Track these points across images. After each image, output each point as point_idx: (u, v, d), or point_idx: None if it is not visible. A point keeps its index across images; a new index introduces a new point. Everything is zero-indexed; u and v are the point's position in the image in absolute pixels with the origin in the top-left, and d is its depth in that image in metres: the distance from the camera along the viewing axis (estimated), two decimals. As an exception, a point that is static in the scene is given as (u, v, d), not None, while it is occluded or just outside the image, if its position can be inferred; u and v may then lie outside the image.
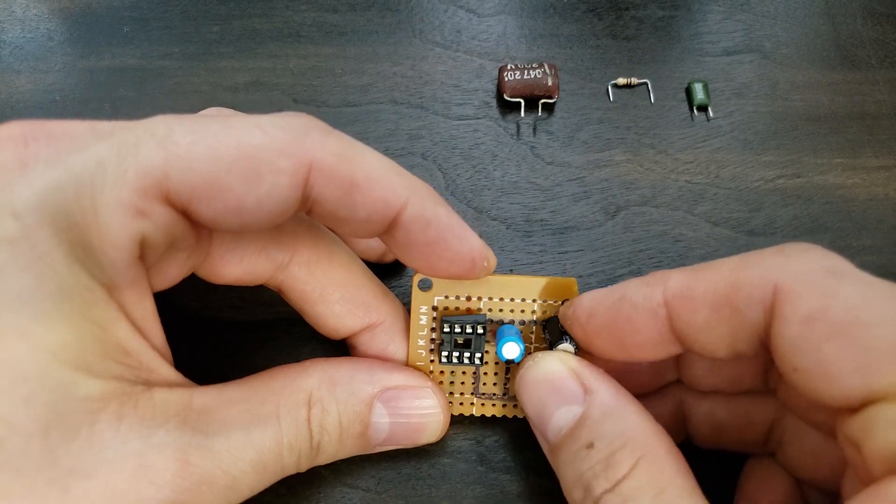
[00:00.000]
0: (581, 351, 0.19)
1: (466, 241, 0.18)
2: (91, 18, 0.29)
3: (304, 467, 0.18)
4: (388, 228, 0.17)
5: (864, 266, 0.15)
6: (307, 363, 0.18)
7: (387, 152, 0.26)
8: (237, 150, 0.15)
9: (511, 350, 0.19)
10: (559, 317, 0.19)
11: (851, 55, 0.30)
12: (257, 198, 0.15)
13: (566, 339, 0.19)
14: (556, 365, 0.18)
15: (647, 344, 0.17)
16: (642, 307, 0.16)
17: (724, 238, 0.26)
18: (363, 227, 0.17)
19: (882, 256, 0.25)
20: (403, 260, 0.18)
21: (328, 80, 0.28)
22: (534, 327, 0.20)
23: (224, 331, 0.23)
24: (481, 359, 0.20)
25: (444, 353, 0.20)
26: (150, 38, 0.29)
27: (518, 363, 0.19)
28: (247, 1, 0.30)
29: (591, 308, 0.18)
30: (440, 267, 0.18)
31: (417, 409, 0.19)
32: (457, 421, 0.21)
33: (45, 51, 0.28)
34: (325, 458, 0.18)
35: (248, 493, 0.16)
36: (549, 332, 0.20)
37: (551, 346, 0.19)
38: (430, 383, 0.20)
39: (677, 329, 0.16)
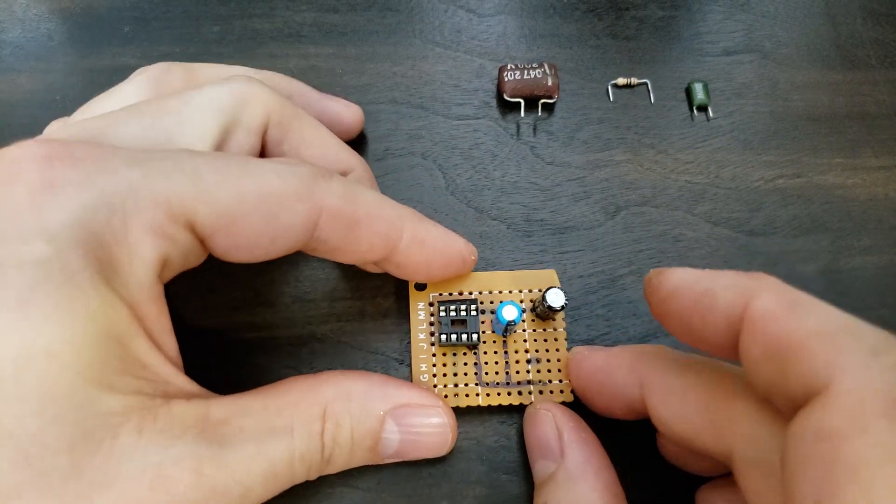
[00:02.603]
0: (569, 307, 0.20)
1: (455, 245, 0.21)
2: (92, 18, 0.29)
3: (313, 476, 0.18)
4: (388, 254, 0.19)
5: (863, 266, 0.15)
6: (323, 376, 0.19)
7: (387, 152, 0.26)
8: (259, 192, 0.16)
9: (510, 312, 0.20)
10: (644, 281, 0.19)
11: (851, 55, 0.30)
12: (272, 236, 0.17)
13: (561, 290, 0.20)
14: (545, 420, 0.20)
15: (714, 345, 0.16)
16: (722, 311, 0.15)
17: (724, 238, 0.26)
18: (363, 256, 0.19)
19: (882, 256, 0.25)
20: (403, 276, 0.20)
21: (328, 80, 0.28)
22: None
23: (224, 331, 0.23)
24: (478, 337, 0.21)
25: (443, 335, 0.21)
26: (151, 38, 0.29)
27: (518, 324, 0.21)
28: (247, 1, 0.30)
29: (676, 288, 0.17)
30: (437, 273, 0.21)
31: (427, 427, 0.20)
32: (457, 420, 0.21)
33: (45, 51, 0.28)
34: (334, 469, 0.19)
35: (258, 501, 0.17)
36: (541, 299, 0.21)
37: (544, 297, 0.21)
38: (440, 402, 0.20)
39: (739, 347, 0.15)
